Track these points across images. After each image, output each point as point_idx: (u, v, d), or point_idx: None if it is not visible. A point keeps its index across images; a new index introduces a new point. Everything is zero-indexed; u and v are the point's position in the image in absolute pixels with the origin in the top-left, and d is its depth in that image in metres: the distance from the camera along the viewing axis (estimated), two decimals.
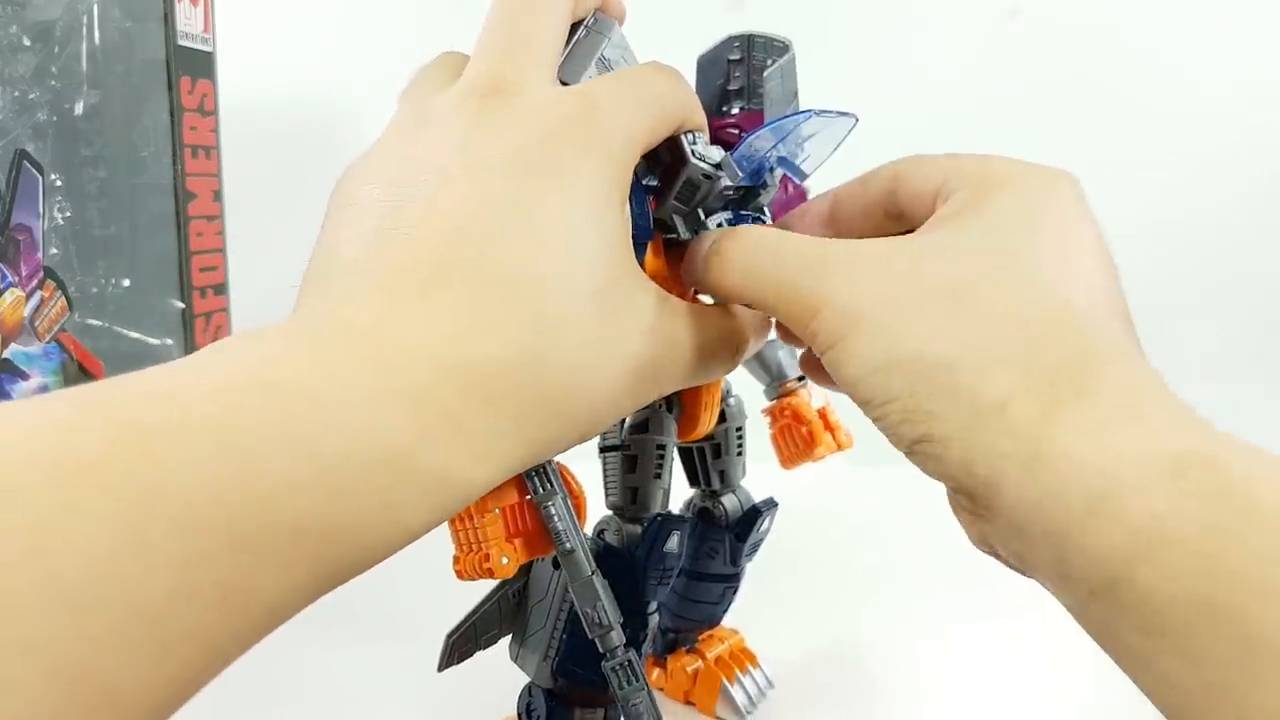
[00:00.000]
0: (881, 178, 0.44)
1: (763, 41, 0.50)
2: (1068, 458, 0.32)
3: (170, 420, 0.26)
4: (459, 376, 0.31)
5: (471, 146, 0.35)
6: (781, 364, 0.62)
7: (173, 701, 0.27)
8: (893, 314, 0.36)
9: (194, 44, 0.96)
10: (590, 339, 0.35)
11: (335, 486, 0.28)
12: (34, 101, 0.80)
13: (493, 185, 0.34)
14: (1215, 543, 0.29)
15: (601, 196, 0.36)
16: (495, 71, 0.37)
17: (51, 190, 0.82)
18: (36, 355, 0.81)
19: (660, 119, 0.40)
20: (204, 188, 0.99)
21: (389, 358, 0.30)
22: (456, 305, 0.32)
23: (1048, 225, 0.38)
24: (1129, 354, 0.36)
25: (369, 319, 0.32)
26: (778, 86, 0.50)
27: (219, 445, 0.26)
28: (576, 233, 0.35)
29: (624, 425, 0.51)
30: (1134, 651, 0.32)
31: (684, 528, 0.50)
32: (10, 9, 0.77)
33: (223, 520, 0.26)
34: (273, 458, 0.27)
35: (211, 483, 0.26)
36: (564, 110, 0.36)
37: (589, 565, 0.44)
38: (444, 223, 0.34)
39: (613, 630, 0.44)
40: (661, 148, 0.45)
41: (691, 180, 0.46)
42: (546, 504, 0.43)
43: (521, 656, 0.52)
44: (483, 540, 0.42)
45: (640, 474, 0.50)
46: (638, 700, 0.44)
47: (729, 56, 0.51)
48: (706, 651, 0.62)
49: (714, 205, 0.49)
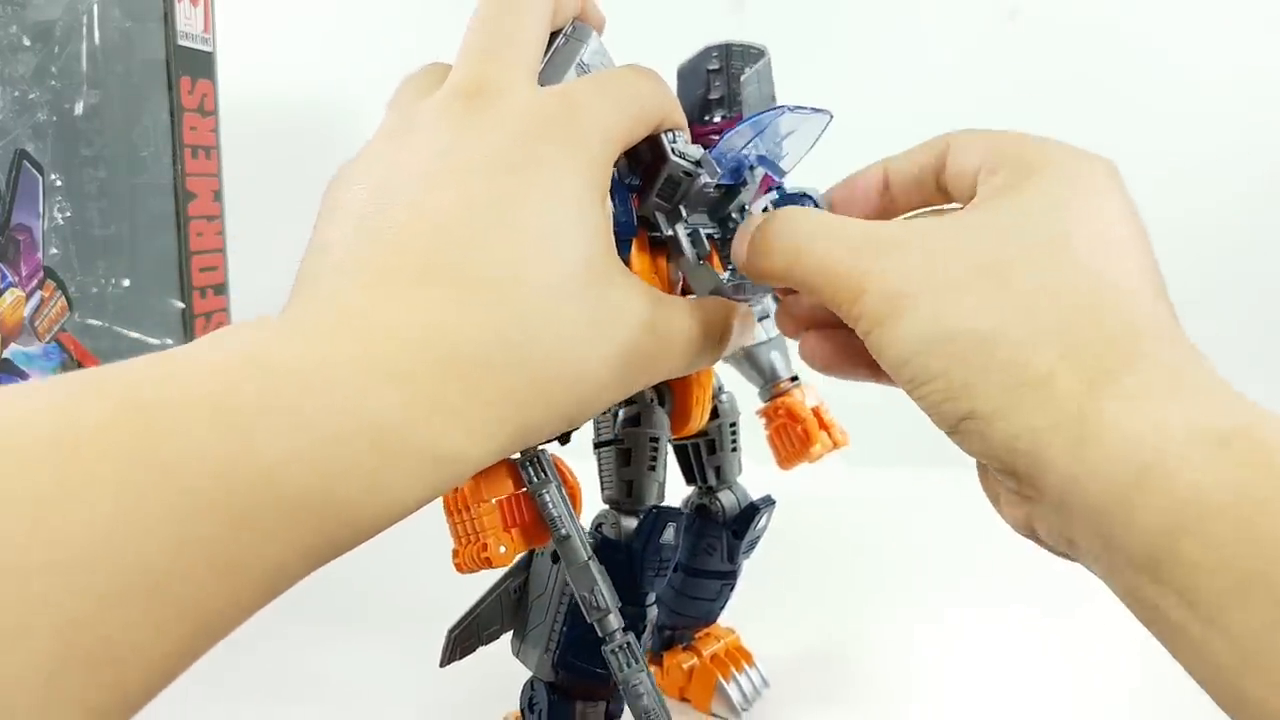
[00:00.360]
0: (933, 150, 0.44)
1: (740, 50, 0.52)
2: (1115, 430, 0.32)
3: (169, 396, 0.27)
4: (444, 362, 0.32)
5: (455, 150, 0.36)
6: (774, 365, 0.62)
7: (171, 668, 0.27)
8: (934, 294, 0.37)
9: (194, 44, 0.97)
10: (573, 332, 0.36)
11: (329, 462, 0.29)
12: (34, 101, 0.80)
13: (475, 187, 0.35)
14: (1256, 512, 0.29)
15: (583, 194, 0.37)
16: (478, 73, 0.38)
17: (51, 190, 0.82)
18: (36, 355, 0.81)
19: (638, 118, 0.41)
20: (204, 188, 0.99)
21: (377, 342, 0.31)
22: (443, 302, 0.33)
23: (1086, 206, 0.38)
24: (1171, 329, 0.36)
25: (358, 312, 0.33)
26: (755, 91, 0.51)
27: (216, 420, 0.27)
28: (558, 231, 0.36)
29: (617, 420, 0.51)
30: (1176, 626, 0.31)
31: (680, 519, 0.50)
32: (10, 9, 0.78)
33: (221, 493, 0.26)
34: (269, 433, 0.28)
35: (209, 456, 0.27)
36: (545, 110, 0.37)
37: (585, 551, 0.45)
38: (429, 225, 0.35)
39: (610, 614, 0.45)
40: (642, 146, 0.46)
41: (672, 178, 0.47)
42: (541, 492, 0.44)
43: (523, 651, 0.52)
44: (480, 531, 0.44)
45: (634, 467, 0.51)
46: (638, 681, 0.45)
47: (708, 66, 0.52)
48: (703, 649, 0.62)
49: (697, 203, 0.50)
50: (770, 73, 0.53)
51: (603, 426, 0.52)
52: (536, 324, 0.34)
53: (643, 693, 0.45)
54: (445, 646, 0.51)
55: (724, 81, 0.52)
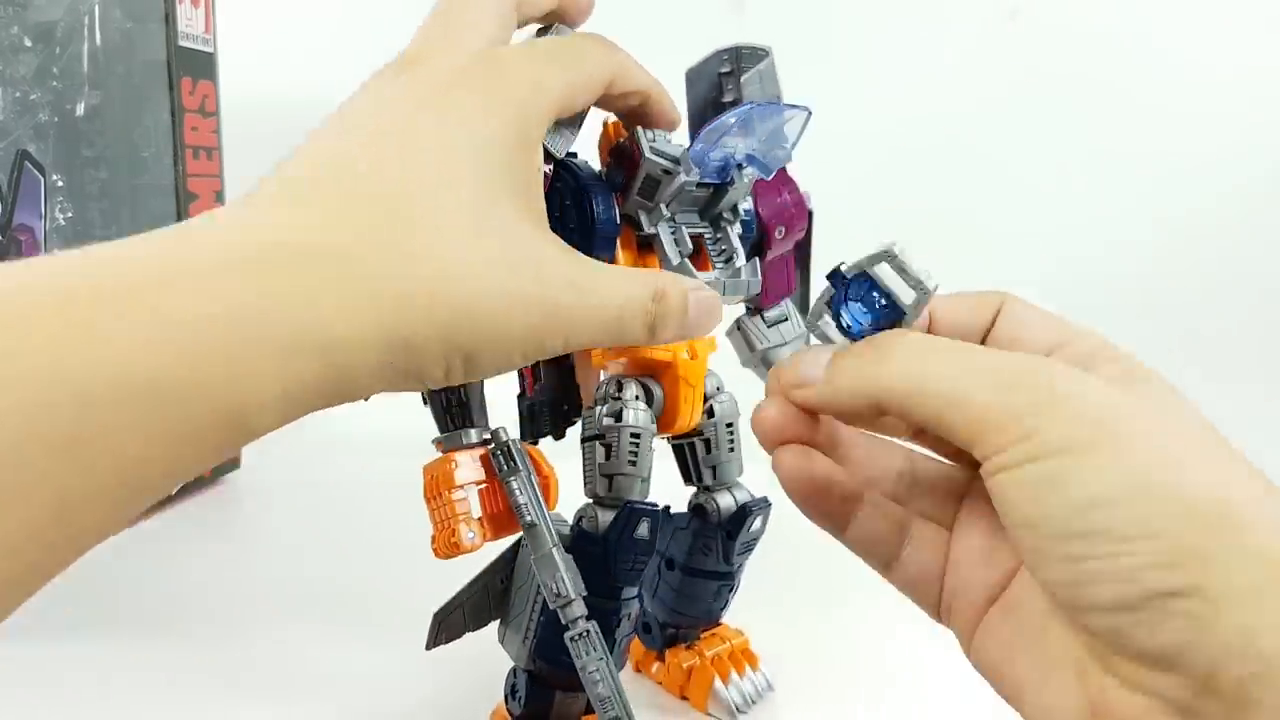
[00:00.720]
0: (987, 306, 0.40)
1: (747, 52, 0.52)
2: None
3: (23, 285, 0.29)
4: (308, 255, 0.33)
5: (379, 100, 0.39)
6: None
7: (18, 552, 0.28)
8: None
9: (195, 45, 0.97)
10: (460, 246, 0.36)
11: (181, 349, 0.29)
12: (35, 102, 0.80)
13: (385, 123, 0.38)
14: None
15: (498, 133, 0.38)
16: (416, 49, 0.41)
17: (53, 191, 0.83)
18: None
19: (582, 72, 0.43)
20: (205, 188, 0.99)
21: (238, 241, 0.33)
22: (323, 210, 0.35)
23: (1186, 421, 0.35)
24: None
25: (243, 217, 0.34)
26: (757, 91, 0.52)
27: (62, 310, 0.28)
28: (457, 158, 0.37)
29: (601, 415, 0.51)
30: None
31: (655, 516, 0.51)
32: (12, 10, 0.78)
33: (62, 379, 0.27)
34: (116, 319, 0.29)
35: (53, 342, 0.28)
36: (469, 66, 0.40)
37: (550, 539, 0.46)
38: (339, 153, 0.37)
39: (573, 602, 0.46)
40: (624, 144, 0.48)
41: (651, 176, 0.48)
42: (509, 479, 0.46)
43: (506, 639, 0.53)
44: (449, 517, 0.45)
45: (615, 462, 0.51)
46: (595, 669, 0.46)
47: (719, 70, 0.52)
48: (706, 650, 0.62)
49: (684, 202, 0.50)
50: (774, 73, 0.53)
51: (589, 422, 0.52)
52: (418, 229, 0.35)
53: (599, 679, 0.46)
54: (431, 630, 0.51)
55: (735, 85, 0.52)
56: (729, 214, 0.52)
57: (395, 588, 0.74)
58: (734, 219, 0.52)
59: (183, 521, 0.93)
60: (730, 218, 0.52)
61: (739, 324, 0.60)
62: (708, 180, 0.49)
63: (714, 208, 0.52)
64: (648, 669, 0.64)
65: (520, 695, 0.53)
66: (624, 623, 0.52)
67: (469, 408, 0.48)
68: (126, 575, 0.79)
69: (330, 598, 0.74)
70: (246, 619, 0.71)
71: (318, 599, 0.74)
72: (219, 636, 0.69)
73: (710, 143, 0.47)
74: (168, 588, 0.77)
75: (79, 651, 0.66)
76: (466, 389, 0.48)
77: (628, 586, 0.52)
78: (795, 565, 0.79)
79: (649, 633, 0.63)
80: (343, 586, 0.76)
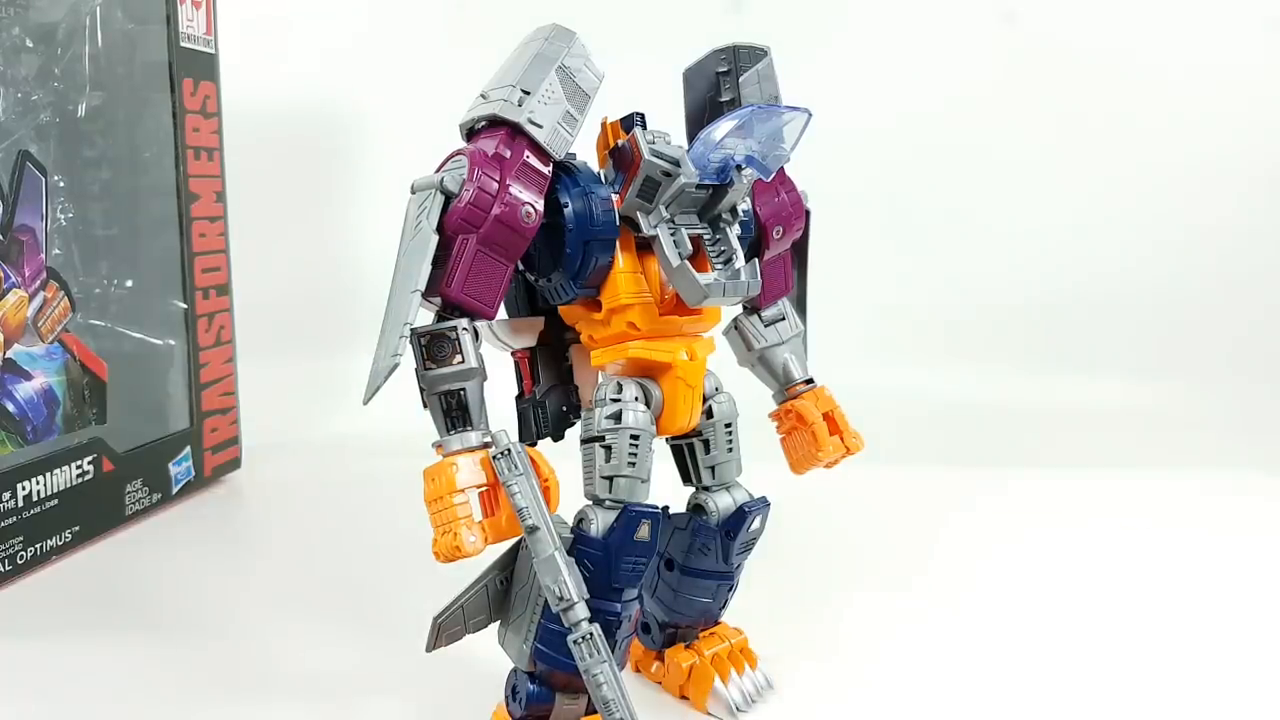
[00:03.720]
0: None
1: (746, 51, 0.52)
2: None
3: None
4: None
5: None
6: (789, 367, 0.62)
7: None
8: None
9: (196, 46, 0.97)
10: None
11: None
12: (37, 103, 0.80)
13: None
14: None
15: None
16: None
17: (54, 191, 0.83)
18: (40, 355, 0.82)
19: None
20: (206, 189, 1.00)
21: None
22: None
23: None
24: None
25: None
26: (755, 91, 0.52)
27: None
28: None
29: (600, 417, 0.52)
30: None
31: (656, 518, 0.51)
32: (13, 11, 0.78)
33: None
34: None
35: None
36: None
37: (553, 542, 0.46)
38: None
39: (576, 605, 0.46)
40: (623, 146, 0.47)
41: (650, 178, 0.48)
42: (510, 483, 0.45)
43: (506, 641, 0.53)
44: (450, 521, 0.45)
45: (615, 463, 0.51)
46: (599, 672, 0.45)
47: (717, 69, 0.52)
48: (705, 649, 0.62)
49: (684, 203, 0.50)
50: (773, 72, 0.53)
51: (588, 423, 0.52)
52: None
53: (603, 682, 0.45)
54: (430, 633, 0.52)
55: (733, 84, 0.52)
56: (728, 215, 0.52)
57: (395, 589, 0.74)
58: (733, 220, 0.53)
59: (183, 521, 0.93)
60: (729, 219, 0.52)
61: (736, 324, 0.60)
62: (707, 181, 0.49)
63: (713, 209, 0.52)
64: (647, 669, 0.64)
65: (521, 697, 0.53)
66: (625, 624, 0.52)
67: (469, 410, 0.48)
68: (126, 575, 0.79)
69: (330, 599, 0.74)
70: (246, 619, 0.71)
71: (317, 600, 0.74)
72: (218, 636, 0.69)
73: (710, 144, 0.47)
74: (168, 588, 0.77)
75: (79, 651, 0.66)
76: (466, 391, 0.48)
77: (628, 588, 0.52)
78: (795, 565, 0.79)
79: (648, 632, 0.63)
80: (343, 587, 0.76)
